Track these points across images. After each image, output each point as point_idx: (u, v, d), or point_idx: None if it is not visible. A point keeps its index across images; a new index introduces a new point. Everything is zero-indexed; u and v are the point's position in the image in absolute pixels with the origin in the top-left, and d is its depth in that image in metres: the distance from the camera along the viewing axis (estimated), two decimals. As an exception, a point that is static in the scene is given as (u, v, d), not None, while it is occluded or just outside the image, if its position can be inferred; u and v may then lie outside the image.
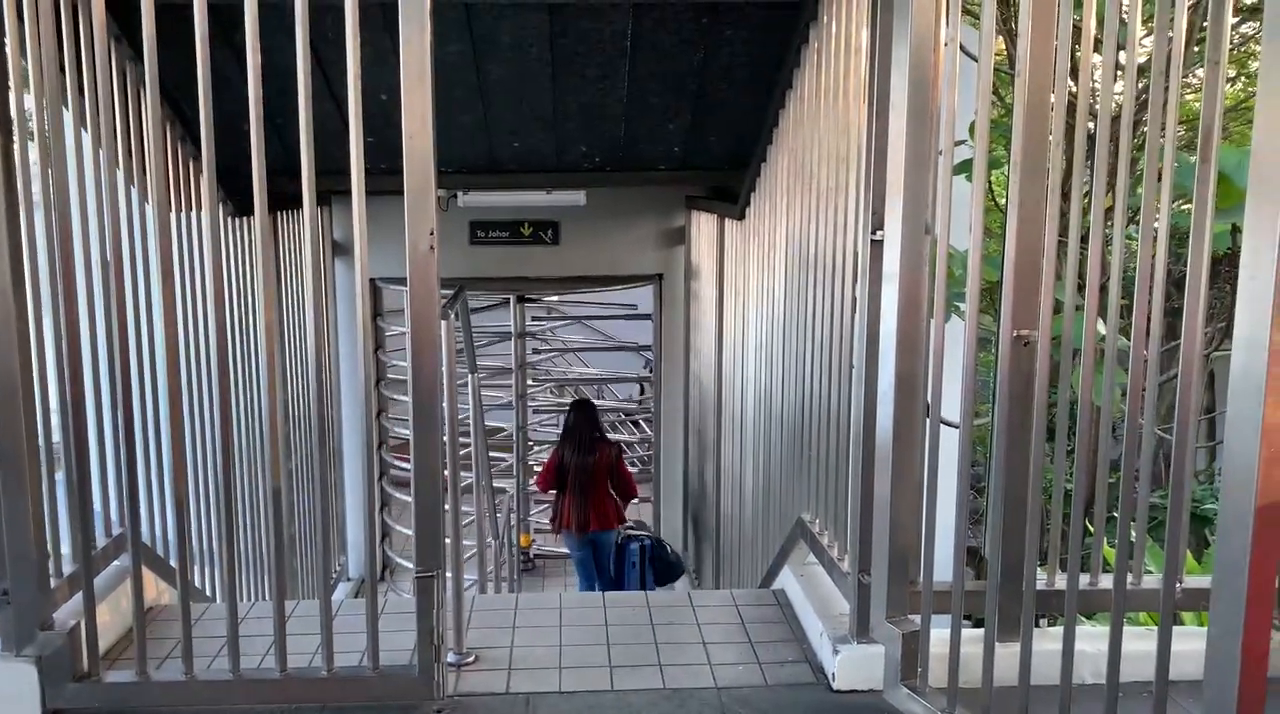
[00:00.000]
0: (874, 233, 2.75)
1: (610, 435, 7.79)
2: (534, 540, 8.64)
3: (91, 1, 2.58)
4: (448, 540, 2.90)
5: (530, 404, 8.66)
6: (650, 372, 8.37)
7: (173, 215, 4.11)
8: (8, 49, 2.55)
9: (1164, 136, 2.25)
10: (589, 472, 6.76)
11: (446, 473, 2.84)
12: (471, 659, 3.10)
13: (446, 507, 2.84)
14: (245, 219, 5.10)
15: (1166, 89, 2.21)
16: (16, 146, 2.59)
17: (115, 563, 3.25)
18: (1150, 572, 2.94)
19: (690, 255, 7.31)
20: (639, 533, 7.04)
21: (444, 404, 2.74)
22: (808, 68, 3.99)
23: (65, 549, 2.89)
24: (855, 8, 3.23)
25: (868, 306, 2.79)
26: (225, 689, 2.76)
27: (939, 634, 2.67)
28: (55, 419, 2.82)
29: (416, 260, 2.54)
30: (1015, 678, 2.42)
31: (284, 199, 5.17)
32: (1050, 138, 2.42)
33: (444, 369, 2.74)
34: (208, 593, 4.30)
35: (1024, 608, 2.45)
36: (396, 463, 7.64)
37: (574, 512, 6.76)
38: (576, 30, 4.82)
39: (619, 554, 6.79)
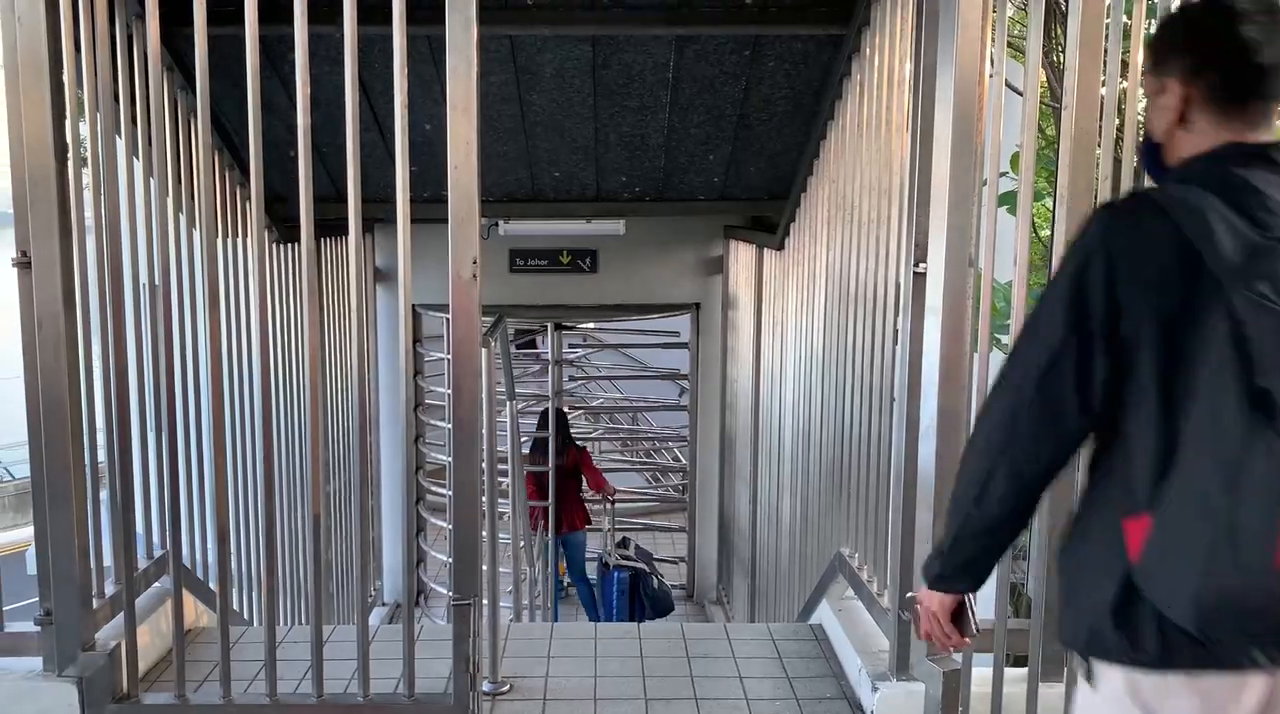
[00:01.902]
0: (916, 265, 2.73)
1: (577, 441, 8.09)
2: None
3: (147, 33, 2.63)
4: (484, 567, 2.89)
5: (576, 433, 8.65)
6: (685, 400, 8.34)
7: (220, 241, 4.17)
8: (65, 78, 2.61)
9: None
10: (564, 475, 7.37)
11: (485, 499, 2.84)
12: (507, 688, 3.09)
13: (484, 534, 2.84)
14: (290, 246, 5.17)
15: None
16: (71, 172, 2.64)
17: (156, 585, 3.28)
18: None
19: (728, 285, 7.30)
20: (629, 563, 7.11)
21: (483, 431, 2.74)
22: (850, 99, 3.99)
23: (108, 570, 2.92)
24: (899, 40, 3.23)
25: (909, 339, 2.77)
26: (262, 713, 2.76)
27: (981, 673, 2.62)
28: (100, 439, 2.86)
29: (459, 288, 2.56)
30: (1060, 720, 2.37)
31: (328, 226, 5.24)
32: (1096, 171, 2.39)
33: (484, 396, 2.74)
34: (245, 616, 4.32)
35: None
36: (433, 488, 7.66)
37: (550, 514, 7.36)
38: (619, 62, 4.86)
39: (603, 577, 7.17)
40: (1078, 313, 1.44)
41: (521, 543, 6.49)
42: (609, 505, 7.72)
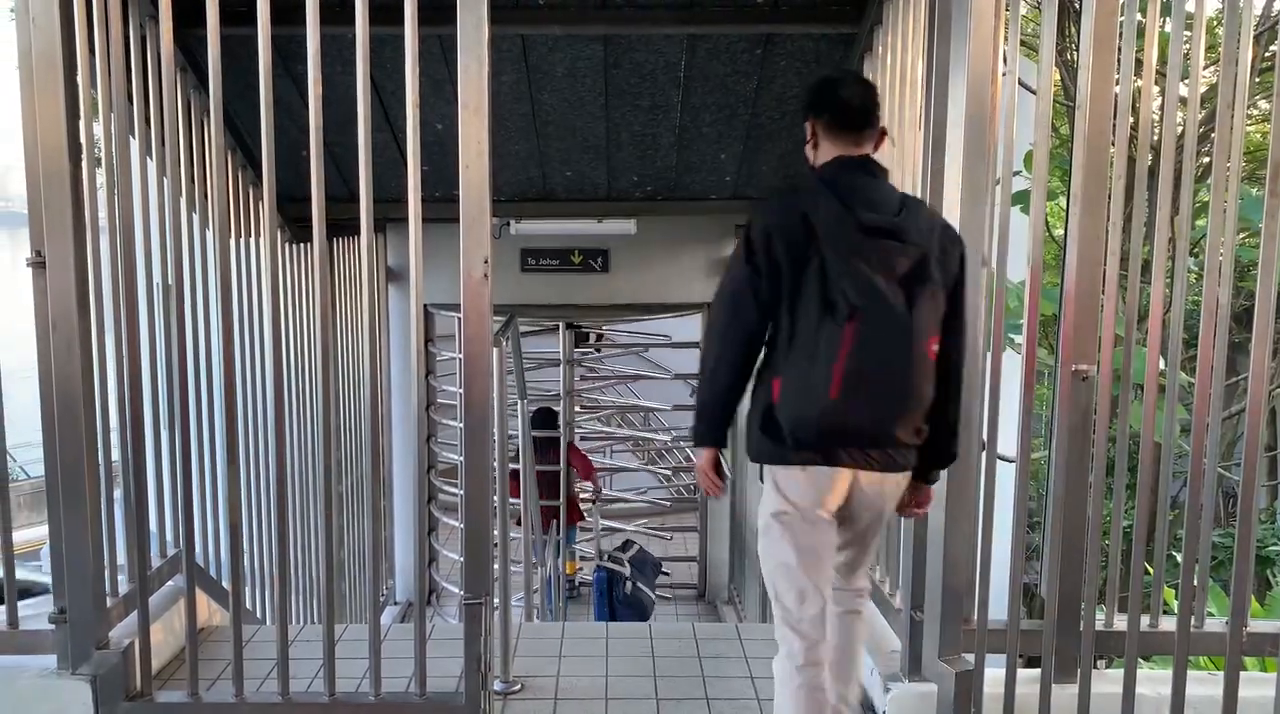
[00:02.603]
0: (929, 264, 2.72)
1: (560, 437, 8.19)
2: (579, 568, 8.62)
3: (160, 34, 2.64)
4: (496, 566, 2.90)
5: (578, 431, 8.65)
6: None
7: (233, 241, 4.19)
8: (79, 79, 2.62)
9: (1229, 168, 2.21)
10: (555, 473, 7.57)
11: (496, 498, 2.84)
12: (518, 688, 3.09)
13: (495, 533, 2.84)
14: (303, 245, 5.19)
15: (1232, 118, 2.18)
16: (85, 173, 2.65)
17: (169, 583, 3.29)
18: (1211, 614, 2.86)
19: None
20: (611, 565, 7.17)
21: (495, 430, 2.74)
22: (862, 98, 3.97)
23: (121, 568, 2.93)
24: (911, 39, 3.22)
25: (922, 338, 2.75)
26: (274, 712, 2.77)
27: (993, 674, 2.62)
28: (113, 438, 2.87)
29: (470, 287, 2.56)
30: (1073, 721, 2.36)
31: (340, 225, 5.26)
32: (1111, 170, 2.38)
33: (495, 396, 2.74)
34: (258, 615, 4.34)
35: (1082, 648, 2.40)
36: (444, 487, 7.68)
37: (551, 512, 7.54)
38: (630, 61, 4.86)
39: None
40: (750, 254, 2.34)
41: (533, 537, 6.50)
42: (594, 502, 7.93)
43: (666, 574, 7.76)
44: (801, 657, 2.45)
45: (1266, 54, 7.39)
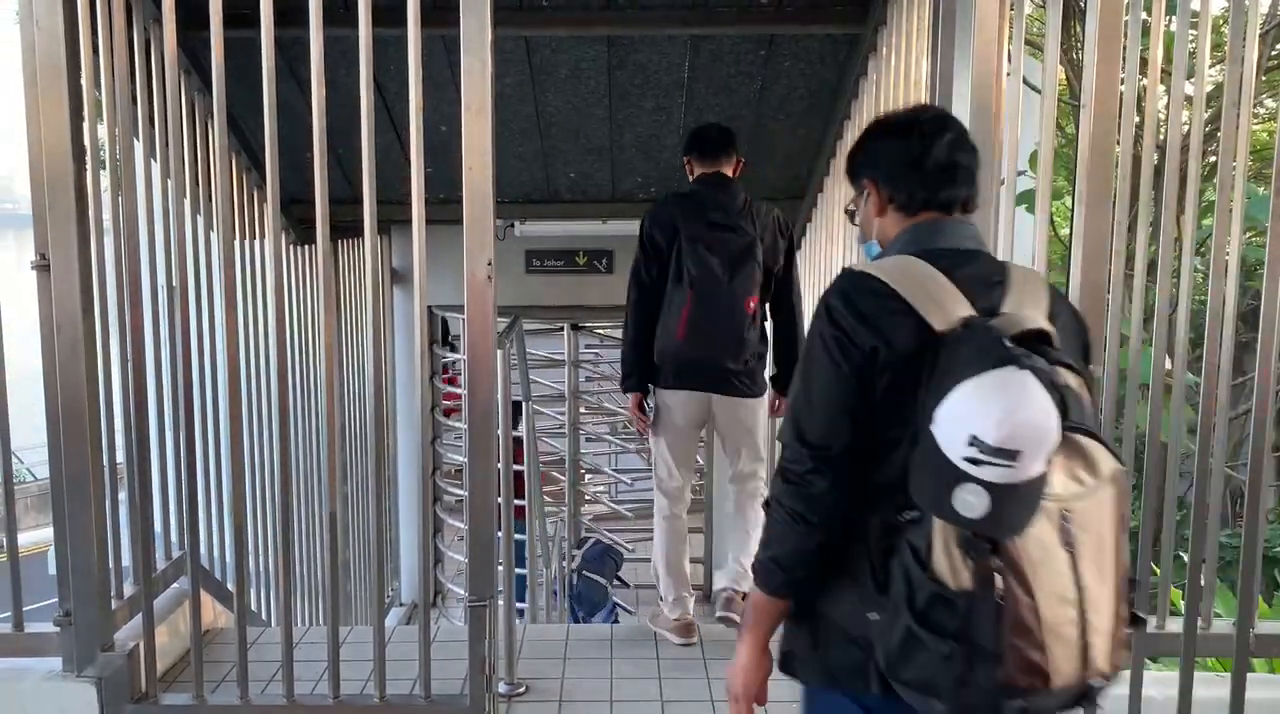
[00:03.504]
0: (934, 264, 2.72)
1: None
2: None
3: (164, 36, 2.64)
4: (500, 568, 2.89)
5: (582, 432, 8.65)
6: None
7: (237, 243, 4.19)
8: (83, 81, 2.62)
9: (1235, 167, 2.20)
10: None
11: (500, 500, 2.84)
12: (522, 690, 3.09)
13: (500, 534, 2.84)
14: (307, 247, 5.19)
15: (1238, 117, 2.17)
16: (90, 175, 2.65)
17: (174, 585, 3.29)
18: (1219, 615, 2.84)
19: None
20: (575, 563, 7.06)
21: (499, 432, 2.74)
22: (866, 99, 3.98)
23: (126, 570, 2.93)
24: (915, 39, 3.21)
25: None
26: (279, 714, 2.78)
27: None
28: (118, 441, 2.87)
29: (474, 289, 2.56)
30: (1080, 723, 2.34)
31: (344, 227, 5.26)
32: (1116, 169, 2.37)
33: (499, 397, 2.74)
34: (263, 616, 4.34)
35: (1089, 650, 2.38)
36: (449, 489, 7.68)
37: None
38: (634, 62, 4.85)
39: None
40: (640, 243, 3.48)
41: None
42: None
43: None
44: (666, 510, 3.66)
45: (1273, 52, 7.37)
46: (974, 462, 1.29)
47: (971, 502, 1.30)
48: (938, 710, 1.40)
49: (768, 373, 3.73)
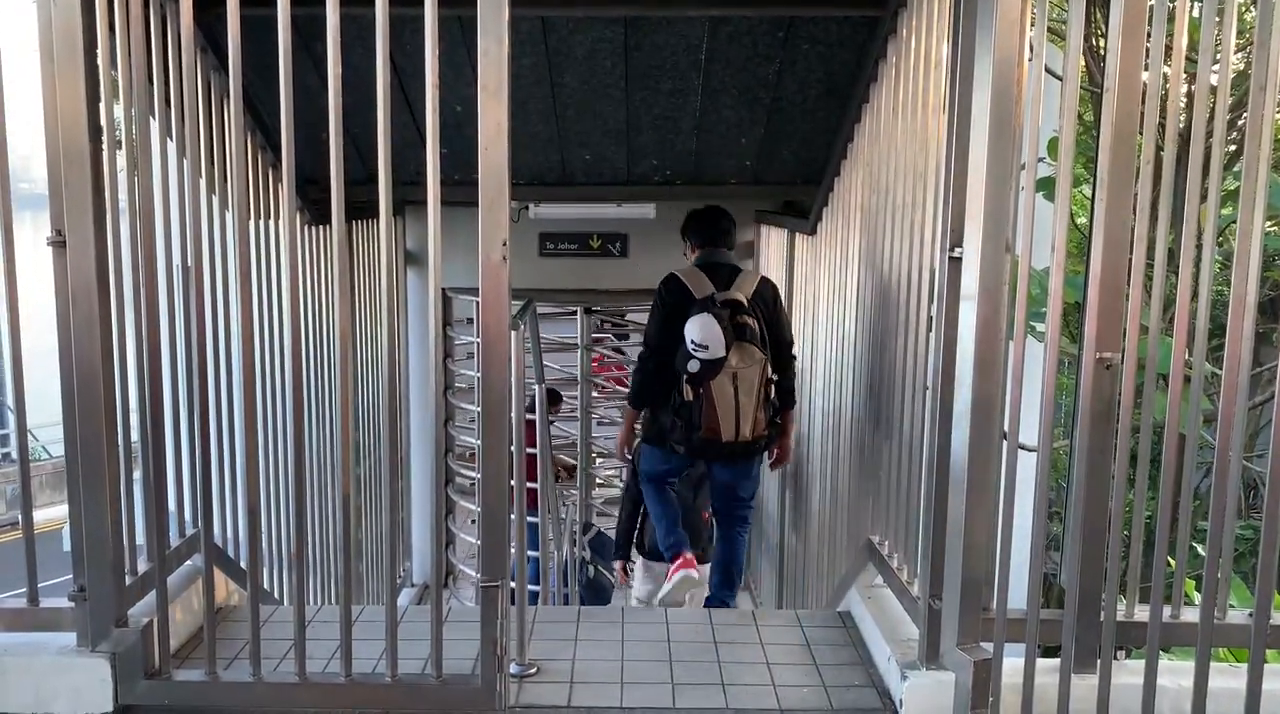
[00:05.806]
0: (952, 250, 2.69)
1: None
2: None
3: (180, 14, 2.64)
4: (513, 549, 2.90)
5: (594, 415, 8.65)
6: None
7: (252, 223, 4.19)
8: (99, 60, 2.62)
9: (1260, 154, 2.17)
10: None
11: (513, 482, 2.84)
12: (534, 671, 3.10)
13: (512, 516, 2.84)
14: (321, 227, 5.19)
15: (1264, 104, 2.14)
16: (106, 154, 2.65)
17: (188, 563, 3.31)
18: (1233, 606, 2.83)
19: (759, 269, 7.26)
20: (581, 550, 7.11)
21: (512, 414, 2.74)
22: (885, 82, 3.94)
23: (140, 547, 2.95)
24: (936, 23, 3.18)
25: (944, 326, 2.73)
26: (291, 692, 2.79)
27: (1012, 663, 2.59)
28: (133, 419, 2.88)
29: (489, 271, 2.55)
30: (1090, 711, 2.34)
31: (359, 208, 5.25)
32: (1138, 157, 2.34)
33: (513, 380, 2.74)
34: (275, 595, 4.37)
35: (1103, 639, 2.38)
36: (462, 470, 7.70)
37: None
38: (651, 44, 4.83)
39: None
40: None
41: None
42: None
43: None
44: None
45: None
46: (694, 349, 4.44)
47: (693, 366, 4.45)
48: (680, 450, 4.70)
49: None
